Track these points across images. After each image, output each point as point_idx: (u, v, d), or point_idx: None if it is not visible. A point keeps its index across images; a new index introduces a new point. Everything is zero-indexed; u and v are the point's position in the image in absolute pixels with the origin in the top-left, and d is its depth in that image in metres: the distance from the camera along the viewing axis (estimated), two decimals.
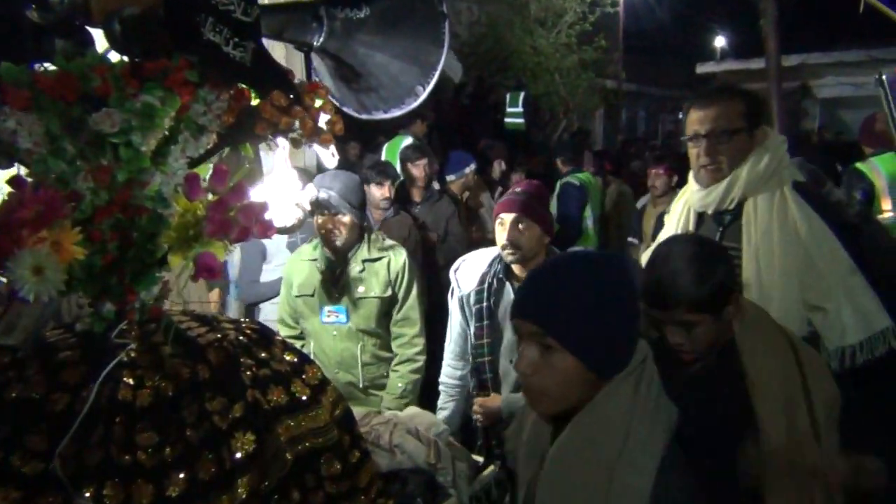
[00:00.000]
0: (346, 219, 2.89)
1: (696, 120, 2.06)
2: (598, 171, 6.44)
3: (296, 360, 1.31)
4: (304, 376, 1.29)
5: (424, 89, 1.83)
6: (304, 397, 1.24)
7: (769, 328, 1.62)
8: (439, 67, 1.79)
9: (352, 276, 2.95)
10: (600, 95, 13.45)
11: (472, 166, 5.37)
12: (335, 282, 2.96)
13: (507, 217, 2.49)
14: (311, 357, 2.95)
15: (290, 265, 3.10)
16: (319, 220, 2.92)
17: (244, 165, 1.28)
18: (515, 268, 2.56)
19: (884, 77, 1.15)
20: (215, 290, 4.06)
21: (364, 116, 1.99)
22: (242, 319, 1.40)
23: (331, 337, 2.98)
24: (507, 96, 10.64)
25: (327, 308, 2.95)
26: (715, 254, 1.69)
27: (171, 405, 1.10)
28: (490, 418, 2.57)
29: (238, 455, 1.10)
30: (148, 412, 1.08)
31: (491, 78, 11.71)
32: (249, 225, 1.13)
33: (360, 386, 3.01)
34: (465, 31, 12.23)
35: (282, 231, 2.80)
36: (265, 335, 1.32)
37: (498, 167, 6.62)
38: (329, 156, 1.42)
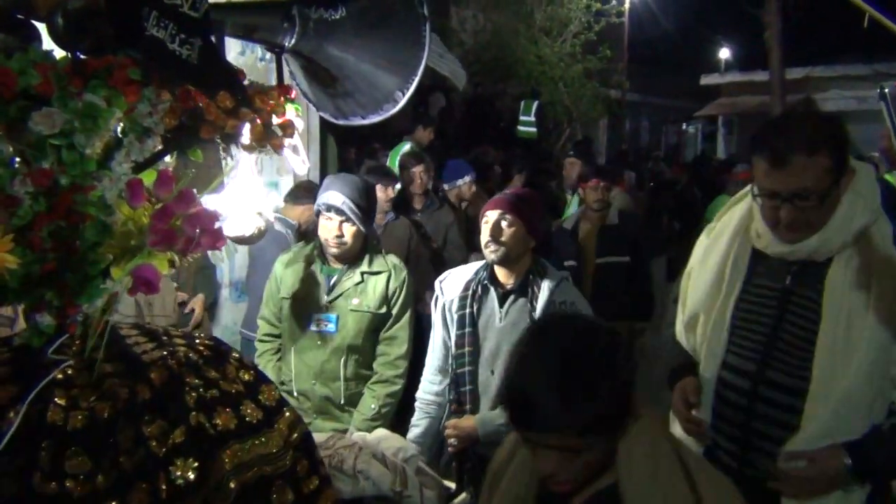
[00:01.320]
0: (353, 227, 2.77)
1: (772, 179, 1.66)
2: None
3: (251, 379, 1.22)
4: (259, 397, 1.21)
5: (404, 95, 1.74)
6: (255, 420, 1.15)
7: (664, 460, 1.19)
8: (419, 72, 1.71)
9: (348, 286, 2.84)
10: (604, 105, 13.39)
11: (468, 177, 5.28)
12: (330, 290, 2.87)
13: (492, 214, 2.44)
14: (289, 365, 2.87)
15: (284, 263, 2.97)
16: (325, 225, 2.81)
17: (203, 171, 1.20)
18: (500, 274, 2.48)
19: (886, 90, 1.08)
20: (199, 295, 3.98)
21: (341, 122, 1.92)
22: (199, 334, 1.31)
23: (314, 346, 2.87)
24: (521, 104, 10.61)
25: (316, 315, 2.85)
26: (602, 359, 1.17)
27: (105, 429, 1.02)
28: (464, 441, 2.46)
29: (178, 484, 1.02)
30: (80, 436, 1.00)
31: (495, 86, 11.67)
32: (195, 235, 1.04)
33: (339, 402, 2.88)
34: (471, 39, 12.20)
35: (241, 241, 2.69)
36: (219, 352, 1.24)
37: (495, 172, 6.56)
38: (300, 162, 1.34)
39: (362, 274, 2.85)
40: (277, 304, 2.94)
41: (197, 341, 1.26)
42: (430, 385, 2.65)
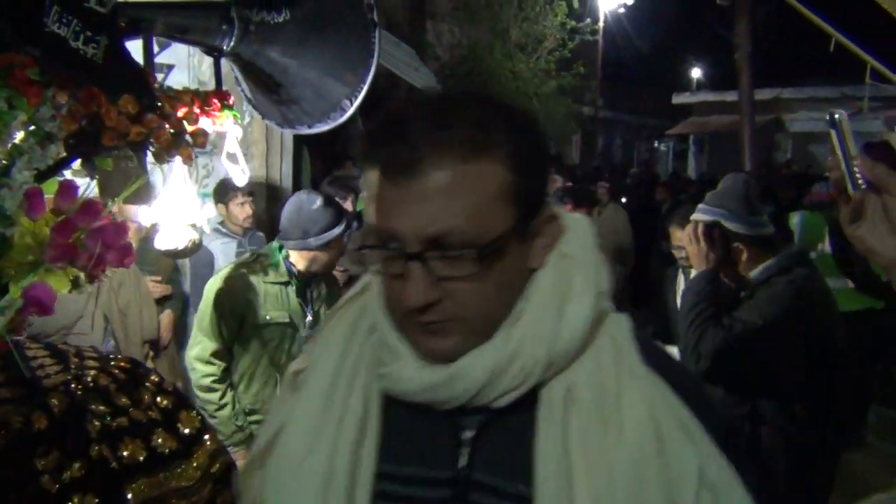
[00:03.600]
0: (341, 253, 2.78)
1: (388, 210, 0.80)
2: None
3: (169, 405, 1.13)
4: (176, 425, 1.11)
5: (352, 104, 1.67)
6: (169, 451, 1.06)
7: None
8: (368, 80, 1.64)
9: (318, 299, 2.83)
10: (577, 121, 13.47)
11: None
12: (309, 304, 2.79)
13: None
14: (272, 389, 2.70)
15: (246, 286, 2.67)
16: (324, 258, 2.75)
17: (123, 180, 1.11)
18: None
19: (836, 116, 0.86)
20: (167, 311, 3.77)
21: (287, 130, 1.84)
22: (116, 356, 1.21)
23: None
24: None
25: (304, 333, 2.74)
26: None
27: None
28: None
29: None
30: None
31: None
32: (99, 251, 0.95)
33: None
34: (446, 54, 12.22)
35: (174, 255, 2.57)
36: (135, 376, 1.14)
37: None
38: (239, 172, 1.26)
39: (319, 282, 2.83)
40: (235, 332, 2.67)
41: (112, 363, 1.16)
42: None
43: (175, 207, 1.33)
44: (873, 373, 5.20)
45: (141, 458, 1.04)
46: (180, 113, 1.15)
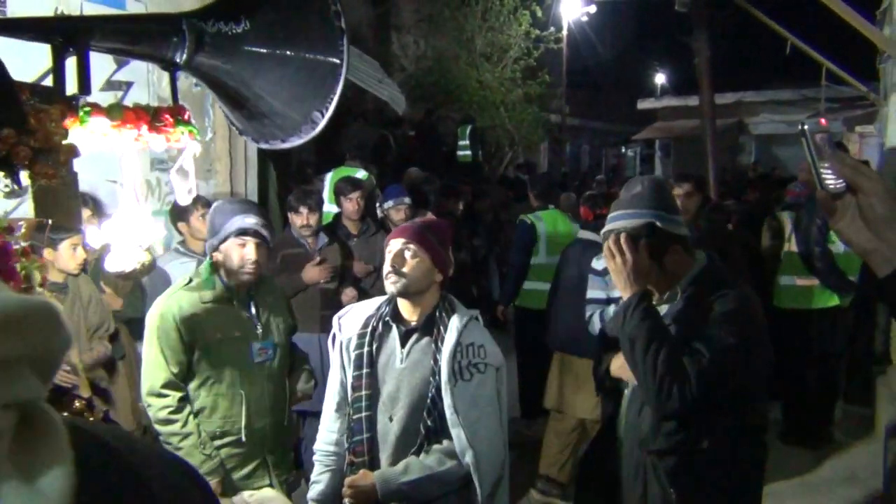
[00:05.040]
0: (265, 249, 2.67)
1: None
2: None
3: None
4: None
5: (323, 115, 1.61)
6: None
7: None
8: (338, 90, 1.58)
9: (267, 308, 2.78)
10: (545, 129, 13.55)
11: (397, 201, 5.10)
12: (258, 317, 2.74)
13: (395, 243, 2.24)
14: (237, 412, 2.63)
15: (189, 311, 2.60)
16: (242, 251, 2.61)
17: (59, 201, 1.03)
18: (404, 310, 2.27)
19: (805, 127, 1.01)
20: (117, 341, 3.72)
21: (264, 146, 1.77)
22: None
23: (264, 378, 2.72)
24: (458, 130, 10.67)
25: (257, 346, 2.69)
26: None
27: None
28: (363, 502, 2.15)
29: None
30: None
31: (437, 111, 11.67)
32: None
33: (284, 424, 2.83)
34: (412, 65, 12.22)
35: (123, 277, 2.48)
36: (52, 405, 1.05)
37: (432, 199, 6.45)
38: (184, 191, 1.19)
39: (269, 292, 2.83)
40: (184, 358, 2.60)
41: None
42: (329, 434, 2.36)
43: (126, 228, 1.26)
44: (839, 370, 5.27)
45: None
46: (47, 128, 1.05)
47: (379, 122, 9.97)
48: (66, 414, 1.10)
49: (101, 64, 4.04)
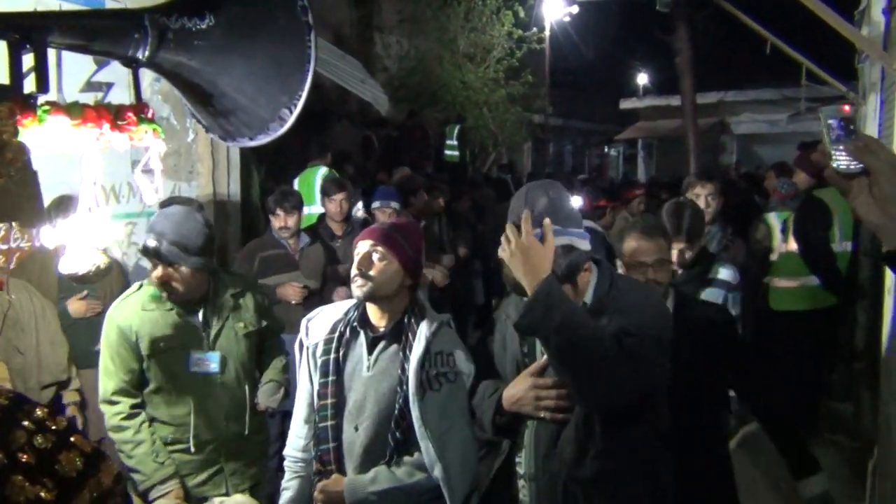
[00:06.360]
0: (183, 270, 2.52)
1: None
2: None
3: (48, 445, 0.99)
4: (54, 467, 0.98)
5: (291, 112, 1.57)
6: (27, 498, 0.92)
7: None
8: (306, 87, 1.54)
9: (225, 316, 2.70)
10: (528, 129, 13.56)
11: (388, 204, 5.08)
12: (206, 326, 2.66)
13: (363, 245, 2.16)
14: (187, 419, 2.61)
15: (131, 319, 2.57)
16: (154, 271, 2.55)
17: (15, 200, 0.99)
18: (372, 315, 2.20)
19: (820, 113, 1.05)
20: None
21: (230, 144, 1.73)
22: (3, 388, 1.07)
23: (214, 388, 2.65)
24: (446, 129, 10.66)
25: (196, 356, 2.63)
26: None
27: None
28: None
29: None
30: None
31: (421, 111, 11.64)
32: None
33: (245, 433, 2.75)
34: (395, 65, 12.18)
35: (76, 279, 2.43)
36: (10, 414, 1.00)
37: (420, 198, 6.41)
38: (151, 190, 1.15)
39: (232, 297, 2.74)
40: (135, 365, 2.60)
41: None
42: (298, 440, 2.30)
43: (82, 230, 1.21)
44: (831, 369, 5.29)
45: None
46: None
47: (362, 123, 9.93)
48: (25, 423, 1.05)
49: (82, 65, 3.97)
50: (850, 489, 4.26)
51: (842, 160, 1.08)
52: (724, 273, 3.13)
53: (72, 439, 1.04)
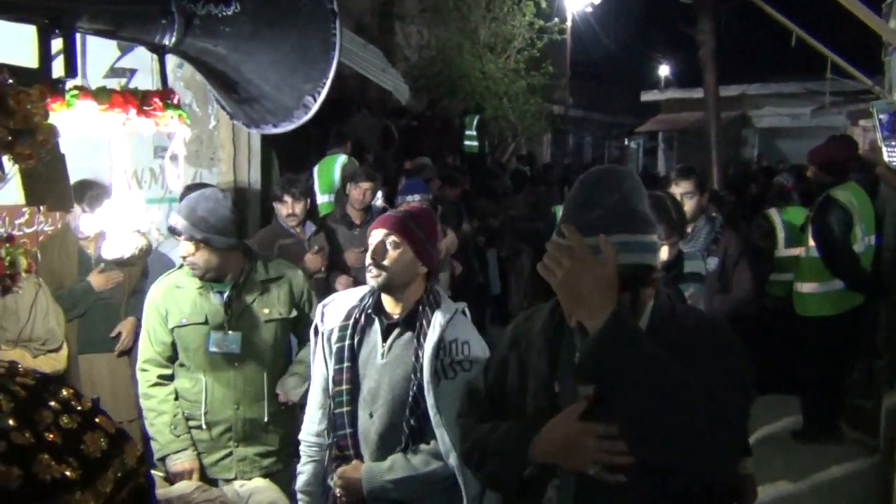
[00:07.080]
0: (209, 248, 2.59)
1: None
2: None
3: (74, 425, 1.01)
4: (80, 447, 1.00)
5: (315, 100, 1.58)
6: (53, 477, 0.94)
7: None
8: (330, 75, 1.55)
9: (250, 299, 2.73)
10: (548, 120, 13.48)
11: (416, 196, 5.07)
12: (228, 306, 2.70)
13: (377, 234, 2.15)
14: (200, 396, 2.69)
15: (163, 295, 2.72)
16: (179, 248, 2.68)
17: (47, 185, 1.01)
18: (387, 303, 2.19)
19: (873, 109, 0.99)
20: (130, 318, 3.72)
21: (254, 130, 1.75)
22: (24, 370, 1.09)
23: (231, 368, 2.69)
24: (465, 119, 10.64)
25: (217, 336, 2.68)
26: None
27: None
28: (352, 494, 2.11)
29: None
30: None
31: (440, 101, 11.63)
32: None
33: (264, 423, 2.76)
34: (415, 55, 12.16)
35: (121, 263, 2.49)
36: (37, 394, 1.02)
37: (434, 186, 6.41)
38: (175, 177, 1.16)
39: (262, 283, 2.76)
40: (164, 340, 2.74)
41: (19, 378, 1.04)
42: (312, 425, 2.31)
43: (119, 214, 1.23)
44: (854, 367, 5.23)
45: (13, 487, 0.92)
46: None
47: (382, 113, 9.93)
48: (52, 403, 1.07)
49: (105, 51, 4.01)
50: (868, 489, 4.23)
51: (892, 155, 1.01)
52: (694, 265, 3.00)
53: (96, 420, 1.06)
